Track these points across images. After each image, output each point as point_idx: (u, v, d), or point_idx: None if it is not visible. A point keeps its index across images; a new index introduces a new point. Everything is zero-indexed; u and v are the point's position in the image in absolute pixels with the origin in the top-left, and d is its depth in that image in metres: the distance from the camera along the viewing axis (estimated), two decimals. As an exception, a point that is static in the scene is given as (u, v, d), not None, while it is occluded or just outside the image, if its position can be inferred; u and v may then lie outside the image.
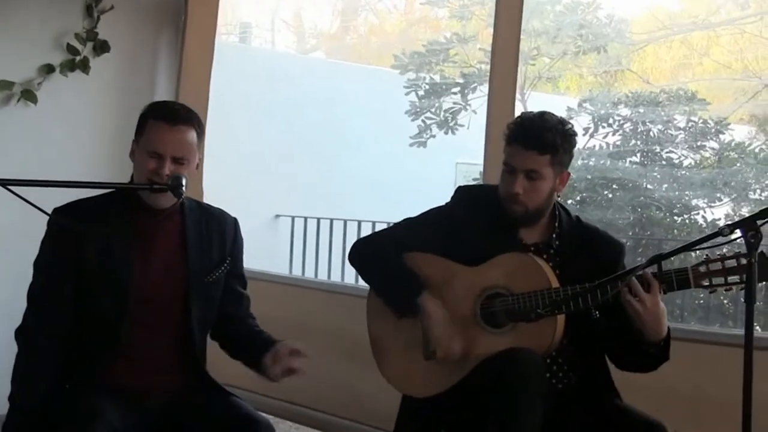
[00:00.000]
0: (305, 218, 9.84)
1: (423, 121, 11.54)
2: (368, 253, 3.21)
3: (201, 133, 2.96)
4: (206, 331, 3.06)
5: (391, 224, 3.29)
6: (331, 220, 9.49)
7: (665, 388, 3.13)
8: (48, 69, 4.79)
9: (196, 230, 3.00)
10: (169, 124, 2.87)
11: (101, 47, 4.92)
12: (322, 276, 9.33)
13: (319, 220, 9.69)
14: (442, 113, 11.58)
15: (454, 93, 11.76)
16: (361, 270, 3.24)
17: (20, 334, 2.89)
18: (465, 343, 2.98)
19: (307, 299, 5.01)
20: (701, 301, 9.30)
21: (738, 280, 2.63)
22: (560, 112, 3.04)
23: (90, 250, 2.85)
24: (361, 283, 3.40)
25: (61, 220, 2.82)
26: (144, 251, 2.91)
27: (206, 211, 3.08)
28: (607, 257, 3.01)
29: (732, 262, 2.64)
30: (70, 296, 2.87)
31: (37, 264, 2.93)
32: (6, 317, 3.04)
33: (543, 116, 3.01)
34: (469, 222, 3.09)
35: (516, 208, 3.00)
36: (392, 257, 3.12)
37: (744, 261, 2.58)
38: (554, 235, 3.08)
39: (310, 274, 9.43)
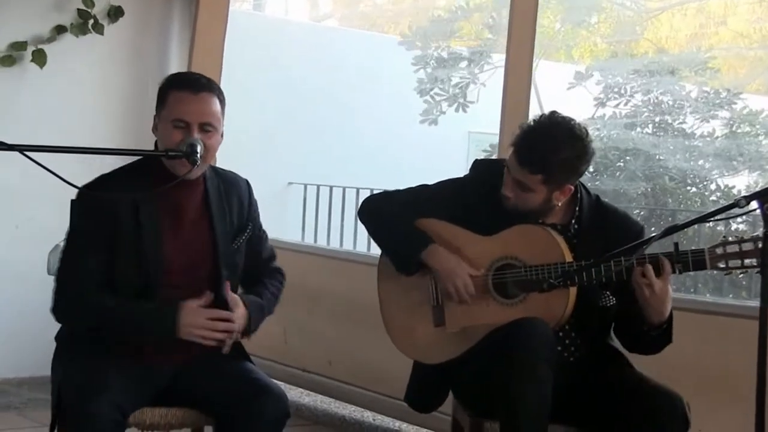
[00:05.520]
0: (318, 186, 9.82)
1: (431, 97, 11.40)
2: (378, 208, 3.20)
3: (223, 102, 2.94)
4: None
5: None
6: (344, 188, 9.46)
7: (678, 359, 3.13)
8: (59, 29, 4.77)
9: (217, 197, 3.00)
10: (193, 92, 2.85)
11: (115, 13, 4.89)
12: (334, 244, 9.33)
13: (331, 188, 9.67)
14: (451, 88, 11.45)
15: (462, 68, 11.63)
16: (368, 224, 3.22)
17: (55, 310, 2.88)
18: (476, 311, 2.98)
19: (319, 267, 5.03)
20: (714, 272, 9.21)
21: (754, 264, 2.62)
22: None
23: (124, 224, 2.84)
24: (373, 251, 3.40)
25: (93, 195, 2.80)
26: (173, 222, 2.91)
27: (221, 176, 3.07)
28: (625, 239, 2.93)
29: (749, 245, 2.63)
30: (102, 271, 2.85)
31: (71, 240, 2.91)
32: (10, 278, 3.05)
33: (550, 131, 2.91)
34: (485, 196, 3.06)
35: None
36: (401, 215, 3.11)
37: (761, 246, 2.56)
38: (573, 220, 3.04)
39: (322, 242, 9.44)
